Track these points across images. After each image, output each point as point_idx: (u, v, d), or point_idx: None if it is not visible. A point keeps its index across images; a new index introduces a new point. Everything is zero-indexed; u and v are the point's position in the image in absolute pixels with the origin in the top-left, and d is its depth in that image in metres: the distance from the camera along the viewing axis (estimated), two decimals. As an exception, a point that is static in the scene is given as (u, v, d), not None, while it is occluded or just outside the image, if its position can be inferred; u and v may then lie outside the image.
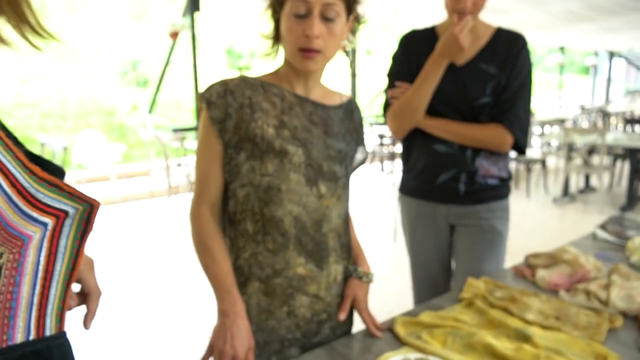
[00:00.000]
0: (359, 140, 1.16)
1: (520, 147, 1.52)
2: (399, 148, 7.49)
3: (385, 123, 1.65)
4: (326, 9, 0.98)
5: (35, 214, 0.55)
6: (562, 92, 15.02)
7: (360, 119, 1.19)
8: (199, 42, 6.66)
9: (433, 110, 1.55)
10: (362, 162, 1.17)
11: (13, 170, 0.52)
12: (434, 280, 1.67)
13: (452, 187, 1.57)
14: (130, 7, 12.94)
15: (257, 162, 1.01)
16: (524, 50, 1.52)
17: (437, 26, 1.63)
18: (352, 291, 1.14)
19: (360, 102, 9.49)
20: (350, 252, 1.16)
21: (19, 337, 0.56)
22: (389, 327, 1.13)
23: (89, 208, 0.60)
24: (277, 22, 1.05)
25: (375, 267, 3.66)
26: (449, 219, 1.61)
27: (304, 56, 0.99)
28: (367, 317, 1.14)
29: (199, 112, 1.06)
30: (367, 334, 1.12)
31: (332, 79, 1.15)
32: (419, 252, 1.69)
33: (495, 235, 1.58)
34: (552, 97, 15.41)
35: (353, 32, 1.10)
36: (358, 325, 1.17)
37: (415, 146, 1.63)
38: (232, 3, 7.99)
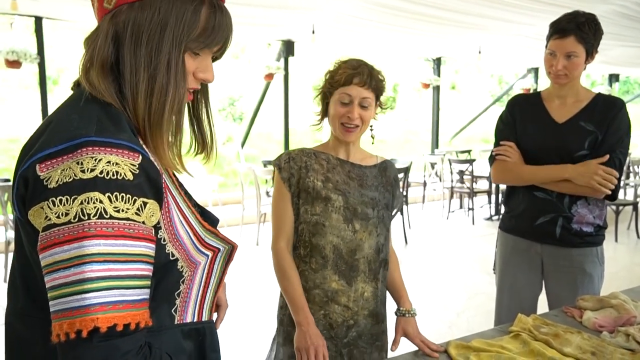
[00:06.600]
0: (393, 192, 1.54)
1: (613, 194, 1.72)
2: (480, 185, 7.50)
3: (490, 171, 1.93)
4: (363, 100, 1.41)
5: (203, 250, 0.91)
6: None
7: (395, 174, 1.56)
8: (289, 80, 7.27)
9: (536, 161, 1.79)
10: (399, 206, 1.55)
11: (195, 226, 0.89)
12: (518, 310, 1.74)
13: (549, 229, 1.79)
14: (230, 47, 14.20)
15: (309, 206, 1.43)
16: (622, 111, 1.74)
17: (542, 91, 1.89)
18: (401, 327, 1.48)
19: (443, 136, 9.52)
20: (378, 275, 1.48)
21: (188, 318, 0.91)
22: (445, 349, 1.39)
23: (231, 248, 0.96)
24: (325, 105, 1.48)
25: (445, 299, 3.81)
26: (543, 257, 1.83)
27: (346, 130, 1.43)
28: (420, 343, 1.42)
29: (273, 173, 1.50)
30: (422, 354, 1.38)
31: (418, 113, 1.61)
32: (507, 283, 1.91)
33: (585, 277, 1.77)
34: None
35: (380, 109, 1.50)
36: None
37: (518, 191, 1.88)
38: (322, 48, 8.62)
